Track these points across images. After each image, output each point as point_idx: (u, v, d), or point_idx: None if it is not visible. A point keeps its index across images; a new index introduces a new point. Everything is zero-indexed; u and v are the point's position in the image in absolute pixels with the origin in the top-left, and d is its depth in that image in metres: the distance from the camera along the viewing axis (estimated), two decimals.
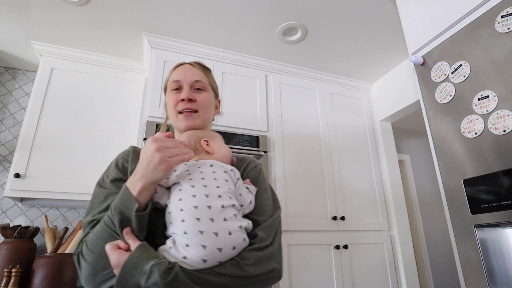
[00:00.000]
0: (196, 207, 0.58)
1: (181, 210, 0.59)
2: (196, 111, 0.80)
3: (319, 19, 1.88)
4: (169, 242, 0.58)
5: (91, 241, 0.61)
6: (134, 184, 0.60)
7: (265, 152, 1.96)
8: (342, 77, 2.47)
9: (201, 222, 0.57)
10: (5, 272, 1.56)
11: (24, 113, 2.16)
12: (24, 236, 1.74)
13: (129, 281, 0.52)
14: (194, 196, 0.60)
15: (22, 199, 1.87)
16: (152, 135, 1.73)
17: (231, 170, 0.69)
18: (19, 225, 1.77)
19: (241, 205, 0.67)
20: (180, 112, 0.80)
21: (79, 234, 1.79)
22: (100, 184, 0.72)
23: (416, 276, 2.10)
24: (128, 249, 0.57)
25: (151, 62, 1.97)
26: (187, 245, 0.56)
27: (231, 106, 2.02)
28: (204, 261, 0.55)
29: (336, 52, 2.18)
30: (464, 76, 1.11)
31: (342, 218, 2.04)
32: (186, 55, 2.04)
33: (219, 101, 0.93)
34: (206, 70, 0.89)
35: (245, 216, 0.68)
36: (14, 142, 2.08)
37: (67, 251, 1.74)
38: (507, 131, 0.95)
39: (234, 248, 0.59)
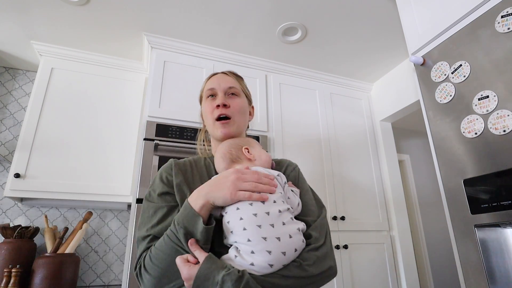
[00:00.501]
0: (255, 214, 0.61)
1: (241, 219, 0.61)
2: (230, 118, 0.83)
3: (319, 19, 1.88)
4: (232, 251, 0.61)
5: (156, 256, 0.63)
6: (196, 199, 0.64)
7: None
8: (342, 77, 2.47)
9: (263, 229, 0.59)
10: (5, 272, 1.56)
11: (24, 113, 2.16)
12: (24, 236, 1.74)
13: None
14: (251, 204, 0.62)
15: (22, 199, 1.87)
16: (152, 135, 1.73)
17: (278, 175, 0.70)
18: (19, 225, 1.77)
19: (291, 207, 0.69)
20: (217, 120, 0.83)
21: (79, 234, 1.79)
22: (147, 199, 0.75)
23: (416, 276, 2.10)
24: (196, 263, 0.59)
25: (151, 62, 1.97)
26: (252, 252, 0.58)
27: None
28: (271, 265, 0.58)
29: (336, 52, 2.18)
30: (464, 76, 1.11)
31: (342, 218, 2.04)
32: (186, 55, 2.04)
33: (252, 107, 0.96)
34: (239, 77, 0.93)
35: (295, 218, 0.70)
36: (14, 142, 2.08)
37: (67, 251, 1.74)
38: (507, 131, 0.95)
39: (295, 250, 0.61)
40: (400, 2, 1.50)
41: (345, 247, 1.98)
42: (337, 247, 1.96)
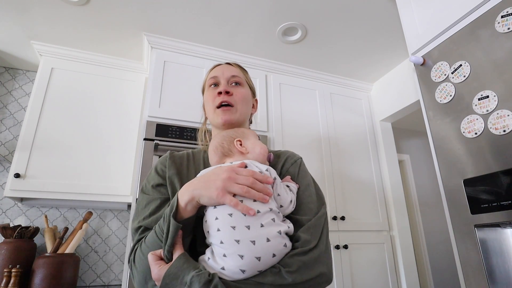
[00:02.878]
0: (230, 214, 0.56)
1: (216, 218, 0.57)
2: (232, 105, 0.80)
3: (319, 19, 1.88)
4: (207, 252, 0.58)
5: (143, 251, 0.62)
6: (183, 194, 0.60)
7: None
8: (342, 77, 2.47)
9: (236, 231, 0.55)
10: (5, 272, 1.55)
11: (24, 113, 2.16)
12: (24, 236, 1.74)
13: None
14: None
15: (22, 199, 1.87)
16: (152, 135, 1.73)
17: (266, 170, 0.64)
18: (19, 225, 1.77)
19: (281, 206, 0.63)
20: (217, 107, 0.79)
21: (79, 234, 1.79)
22: (143, 191, 0.74)
23: (416, 276, 2.10)
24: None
25: (151, 62, 1.97)
26: (224, 255, 0.55)
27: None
28: (243, 271, 0.54)
29: (336, 52, 2.18)
30: (464, 76, 1.11)
31: (342, 218, 2.04)
32: (186, 55, 2.04)
33: (256, 100, 0.92)
34: (243, 69, 0.90)
35: (287, 217, 0.64)
36: (14, 142, 2.08)
37: (67, 251, 1.74)
38: (507, 131, 0.95)
39: (274, 255, 0.56)
40: (400, 2, 1.50)
41: (345, 247, 1.98)
42: (337, 247, 1.96)
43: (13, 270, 1.56)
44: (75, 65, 2.04)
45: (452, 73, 1.15)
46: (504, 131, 0.96)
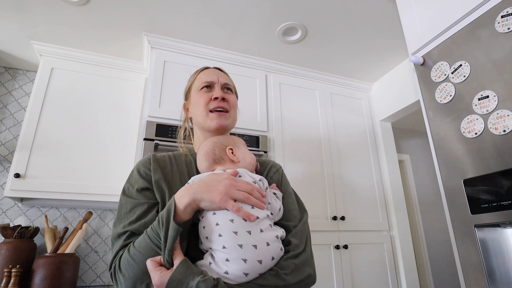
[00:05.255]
0: (232, 220, 0.58)
1: (217, 224, 0.58)
2: (228, 111, 0.81)
3: (319, 19, 1.88)
4: (207, 257, 0.59)
5: (134, 256, 0.59)
6: (183, 196, 0.60)
7: (265, 152, 1.96)
8: (342, 77, 2.47)
9: (239, 236, 0.57)
10: (5, 272, 1.55)
11: (24, 113, 2.16)
12: (24, 236, 1.74)
13: None
14: (228, 209, 0.59)
15: (22, 199, 1.87)
16: (152, 135, 1.73)
17: (260, 180, 0.68)
18: (19, 225, 1.77)
19: (271, 214, 0.66)
20: (211, 111, 0.80)
21: (79, 234, 1.79)
22: (125, 194, 0.71)
23: (416, 276, 2.10)
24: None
25: (151, 62, 1.97)
26: (227, 260, 0.56)
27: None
28: (246, 274, 0.56)
29: (336, 52, 2.18)
30: (464, 76, 1.11)
31: (342, 218, 2.04)
32: (186, 55, 2.04)
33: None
34: (228, 76, 0.92)
35: (275, 223, 0.68)
36: (14, 142, 2.08)
37: (67, 251, 1.74)
38: (507, 131, 0.95)
39: (272, 258, 0.59)
40: (400, 2, 1.50)
41: (345, 247, 1.98)
42: (337, 247, 1.96)
43: (13, 270, 1.56)
44: (75, 65, 2.04)
45: (452, 73, 1.15)
46: (504, 131, 0.96)
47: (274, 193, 0.71)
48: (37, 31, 1.91)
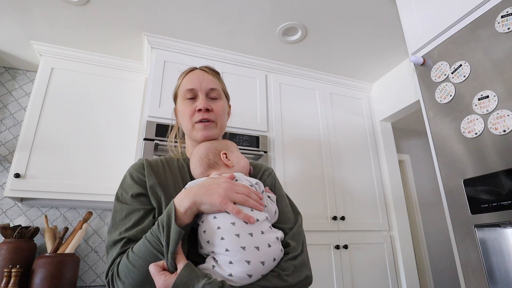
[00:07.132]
0: (233, 223, 0.59)
1: (219, 228, 0.59)
2: (213, 121, 0.78)
3: (319, 19, 1.88)
4: (210, 260, 0.59)
5: (133, 262, 0.58)
6: (182, 200, 0.60)
7: (265, 152, 1.96)
8: (342, 77, 2.47)
9: (241, 238, 0.58)
10: (5, 272, 1.55)
11: (24, 113, 2.16)
12: (24, 236, 1.74)
13: None
14: (228, 213, 0.60)
15: (22, 199, 1.87)
16: (152, 135, 1.73)
17: (256, 183, 0.69)
18: (19, 225, 1.77)
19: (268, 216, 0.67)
20: (196, 122, 0.77)
21: (79, 234, 1.79)
22: (119, 200, 0.69)
23: (416, 276, 2.10)
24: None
25: (151, 62, 1.97)
26: (231, 262, 0.56)
27: (231, 106, 2.02)
28: (250, 276, 0.56)
29: (336, 52, 2.18)
30: (464, 76, 1.11)
31: (342, 218, 2.04)
32: (186, 55, 2.04)
33: (229, 106, 0.90)
34: (217, 74, 0.87)
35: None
36: (14, 142, 2.08)
37: (67, 251, 1.74)
38: (507, 131, 0.95)
39: (274, 259, 0.60)
40: (400, 2, 1.50)
41: (345, 247, 1.98)
42: (337, 247, 1.96)
43: (13, 270, 1.56)
44: (75, 65, 2.04)
45: (452, 73, 1.15)
46: (504, 131, 0.96)
47: (269, 196, 0.72)
48: (37, 31, 1.91)
